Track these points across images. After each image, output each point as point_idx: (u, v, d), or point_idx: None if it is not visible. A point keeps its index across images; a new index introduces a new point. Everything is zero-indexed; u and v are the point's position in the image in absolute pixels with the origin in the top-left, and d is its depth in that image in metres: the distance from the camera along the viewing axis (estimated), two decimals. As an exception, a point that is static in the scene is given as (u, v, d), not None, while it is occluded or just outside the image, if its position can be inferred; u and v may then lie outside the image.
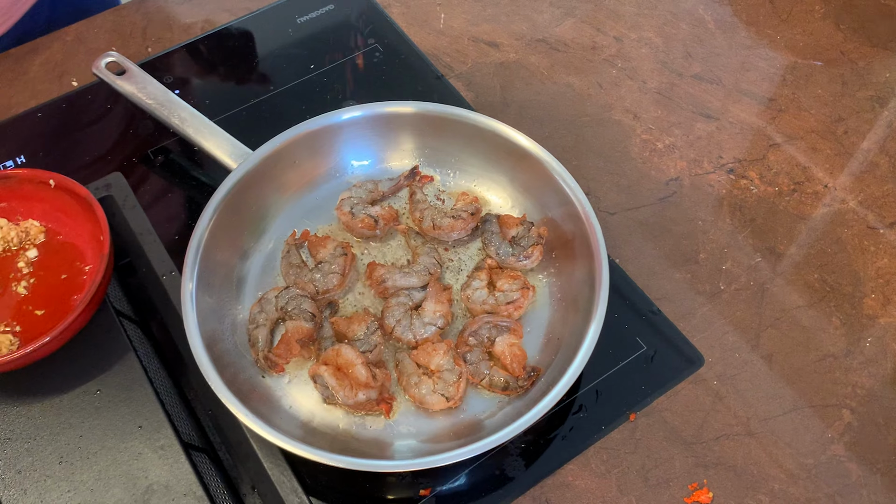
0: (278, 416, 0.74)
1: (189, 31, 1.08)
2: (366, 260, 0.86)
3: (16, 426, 0.73)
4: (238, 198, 0.82)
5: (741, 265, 0.89)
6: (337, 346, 0.76)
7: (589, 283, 0.78)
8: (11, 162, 0.94)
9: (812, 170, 0.96)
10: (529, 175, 0.87)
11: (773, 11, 1.12)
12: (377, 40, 1.07)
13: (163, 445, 0.73)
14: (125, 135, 0.98)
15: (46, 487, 0.70)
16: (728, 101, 1.02)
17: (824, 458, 0.77)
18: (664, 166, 0.96)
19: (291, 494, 0.71)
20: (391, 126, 0.89)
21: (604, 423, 0.78)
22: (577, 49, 1.07)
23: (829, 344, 0.84)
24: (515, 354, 0.78)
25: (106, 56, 0.90)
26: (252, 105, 1.00)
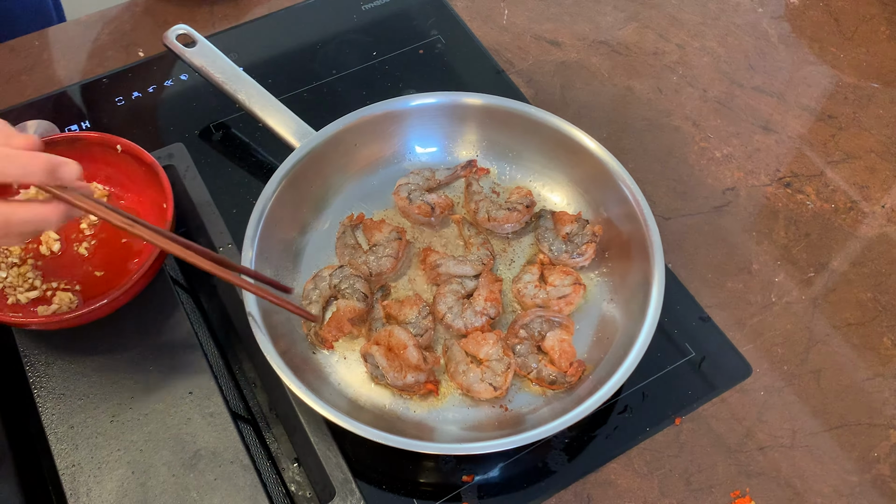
0: (327, 391, 0.75)
1: (255, 10, 1.09)
2: (419, 247, 0.87)
3: (70, 382, 0.74)
4: (300, 175, 0.83)
5: (794, 279, 0.88)
6: (389, 328, 0.77)
7: (643, 285, 0.78)
8: (76, 126, 0.95)
9: (870, 189, 0.96)
10: (588, 174, 0.87)
11: (837, 30, 1.11)
12: (440, 32, 1.07)
13: (212, 413, 0.74)
14: (187, 108, 0.99)
15: (97, 444, 0.71)
16: (788, 115, 1.02)
17: (868, 477, 0.76)
18: (721, 175, 0.96)
19: (336, 470, 0.71)
20: (458, 116, 0.89)
21: (649, 425, 0.78)
22: (639, 53, 1.07)
23: (879, 364, 0.83)
24: (565, 350, 0.78)
25: (177, 28, 0.91)
26: (314, 87, 1.01)
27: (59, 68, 1.02)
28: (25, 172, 0.58)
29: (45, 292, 0.78)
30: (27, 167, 0.58)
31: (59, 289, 0.78)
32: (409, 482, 0.74)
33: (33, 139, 0.60)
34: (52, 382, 0.74)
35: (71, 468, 0.70)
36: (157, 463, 0.71)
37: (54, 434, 0.72)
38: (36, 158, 0.58)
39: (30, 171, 0.58)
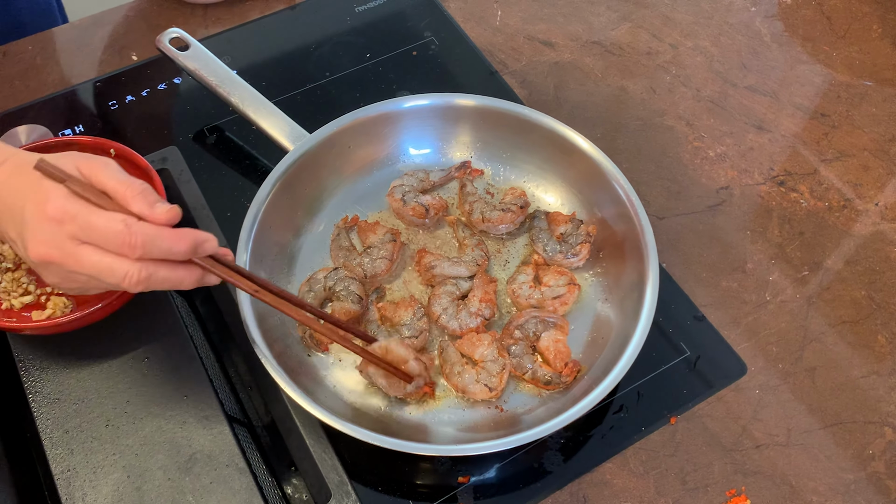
0: (322, 394, 0.75)
1: (248, 13, 1.09)
2: (413, 248, 0.87)
3: (65, 387, 0.74)
4: (294, 178, 0.83)
5: (788, 277, 0.88)
6: (384, 343, 0.75)
7: (637, 285, 0.78)
8: (70, 130, 0.95)
9: (863, 187, 0.96)
10: (581, 174, 0.87)
11: (829, 28, 1.12)
12: (433, 33, 1.07)
13: (207, 416, 0.74)
14: (180, 111, 0.99)
15: (92, 449, 0.71)
16: (781, 114, 1.02)
17: (864, 475, 0.76)
18: (715, 174, 0.96)
19: (332, 472, 0.71)
20: (451, 117, 0.90)
21: (644, 425, 0.78)
22: (632, 53, 1.07)
23: (874, 361, 0.83)
24: (560, 350, 0.78)
25: (170, 32, 0.91)
26: (307, 90, 1.01)
27: (53, 72, 1.02)
28: (171, 252, 0.60)
29: (39, 297, 0.78)
30: (173, 248, 0.60)
31: (53, 293, 0.78)
32: (405, 484, 0.74)
33: (175, 211, 0.61)
34: (46, 387, 0.74)
35: (66, 473, 0.70)
36: (153, 467, 0.71)
37: (49, 439, 0.72)
38: (181, 241, 0.60)
39: (175, 252, 0.60)
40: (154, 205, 0.60)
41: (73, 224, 0.58)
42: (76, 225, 0.58)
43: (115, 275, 0.59)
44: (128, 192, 0.59)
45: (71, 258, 0.58)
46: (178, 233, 0.60)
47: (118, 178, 0.60)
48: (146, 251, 0.58)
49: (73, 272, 0.60)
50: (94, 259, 0.58)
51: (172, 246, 0.59)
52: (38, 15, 1.19)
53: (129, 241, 0.58)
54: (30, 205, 0.58)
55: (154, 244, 0.58)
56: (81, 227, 0.58)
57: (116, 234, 0.58)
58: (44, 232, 0.58)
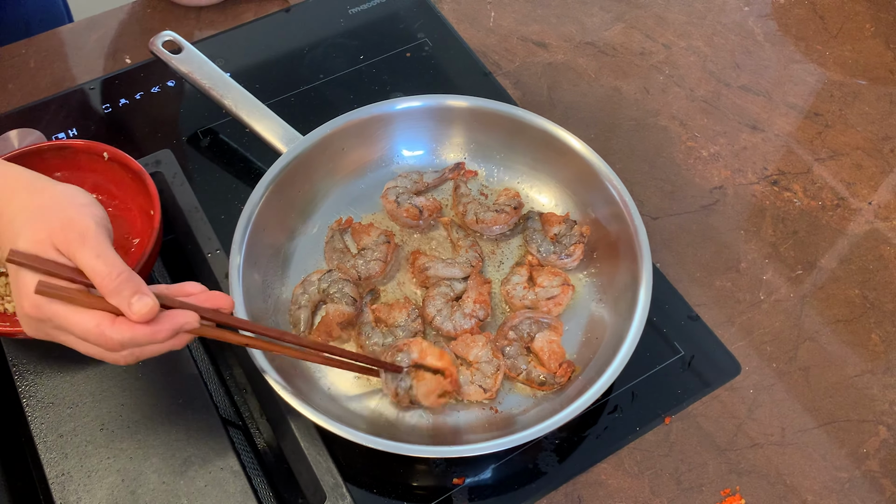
0: (317, 396, 0.75)
1: (241, 15, 1.09)
2: (407, 250, 0.87)
3: (59, 391, 0.74)
4: (287, 180, 0.83)
5: (782, 276, 0.89)
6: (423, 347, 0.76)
7: (631, 285, 0.79)
8: (63, 134, 0.95)
9: (857, 186, 0.96)
10: (575, 175, 0.87)
11: (822, 27, 1.12)
12: (427, 35, 1.07)
13: (202, 419, 0.74)
14: (174, 114, 0.99)
15: (87, 453, 0.71)
16: (774, 114, 1.02)
17: (858, 473, 0.76)
18: (708, 174, 0.96)
19: (327, 474, 0.71)
20: (444, 118, 0.90)
21: (638, 425, 0.78)
22: (626, 54, 1.07)
23: (868, 360, 0.83)
24: (554, 351, 0.78)
25: (164, 35, 0.91)
26: (301, 92, 1.01)
27: (46, 76, 1.01)
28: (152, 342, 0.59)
29: (33, 301, 0.78)
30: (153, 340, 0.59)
31: (47, 297, 0.78)
32: (399, 485, 0.74)
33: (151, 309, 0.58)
34: (41, 392, 0.74)
35: (60, 477, 0.70)
36: (147, 470, 0.71)
37: (43, 443, 0.71)
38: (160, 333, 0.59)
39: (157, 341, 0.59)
40: (131, 303, 0.57)
41: (50, 323, 0.58)
42: (53, 324, 0.58)
43: (103, 358, 0.60)
44: (105, 283, 0.57)
45: (56, 339, 0.60)
46: (156, 327, 0.58)
47: (97, 261, 0.57)
48: (125, 347, 0.59)
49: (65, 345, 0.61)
50: (79, 346, 0.59)
51: (152, 339, 0.59)
52: (46, 16, 1.20)
53: (105, 344, 0.58)
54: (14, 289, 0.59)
55: (132, 342, 0.58)
56: (58, 326, 0.58)
57: (94, 336, 0.58)
58: (29, 323, 0.59)
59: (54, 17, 1.22)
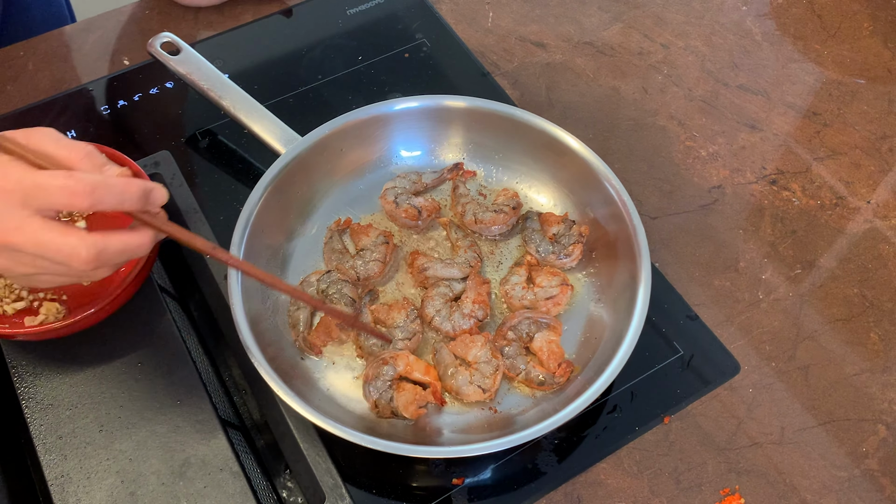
0: (316, 397, 0.75)
1: (240, 16, 1.09)
2: (406, 250, 0.87)
3: (59, 393, 0.74)
4: (286, 181, 0.83)
5: (781, 276, 0.89)
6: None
7: (630, 284, 0.79)
8: (62, 136, 0.95)
9: (855, 185, 0.96)
10: (574, 175, 0.87)
11: (820, 27, 1.12)
12: (425, 35, 1.07)
13: (201, 420, 0.73)
14: (173, 115, 0.99)
15: (86, 454, 0.71)
16: (773, 113, 1.02)
17: (858, 472, 0.76)
18: (707, 174, 0.96)
19: (326, 475, 0.71)
20: (442, 119, 0.89)
21: (637, 425, 0.78)
22: (624, 53, 1.08)
23: (867, 359, 0.83)
24: (553, 351, 0.78)
25: (161, 36, 0.91)
26: (300, 93, 1.01)
27: (44, 78, 1.01)
28: (122, 200, 0.57)
29: (31, 303, 0.78)
30: (124, 195, 0.57)
31: (45, 299, 0.78)
32: (399, 486, 0.74)
33: (125, 170, 0.59)
34: (39, 393, 0.74)
35: (60, 479, 0.70)
36: (147, 472, 0.70)
37: (43, 445, 0.71)
38: (130, 185, 0.57)
39: (126, 199, 0.57)
40: (103, 167, 0.57)
41: (18, 189, 0.54)
42: (21, 189, 0.54)
43: (61, 252, 0.55)
44: (72, 154, 0.56)
45: (18, 233, 0.54)
46: (125, 178, 0.57)
47: (60, 143, 0.57)
48: (95, 199, 0.54)
49: (20, 252, 0.55)
50: (40, 232, 0.55)
51: (123, 190, 0.56)
52: (50, 18, 1.20)
53: (74, 188, 0.53)
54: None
55: (102, 189, 0.55)
56: (26, 190, 0.54)
57: (61, 187, 0.53)
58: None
59: (58, 18, 1.22)
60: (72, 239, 0.55)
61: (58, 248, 0.55)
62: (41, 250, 0.55)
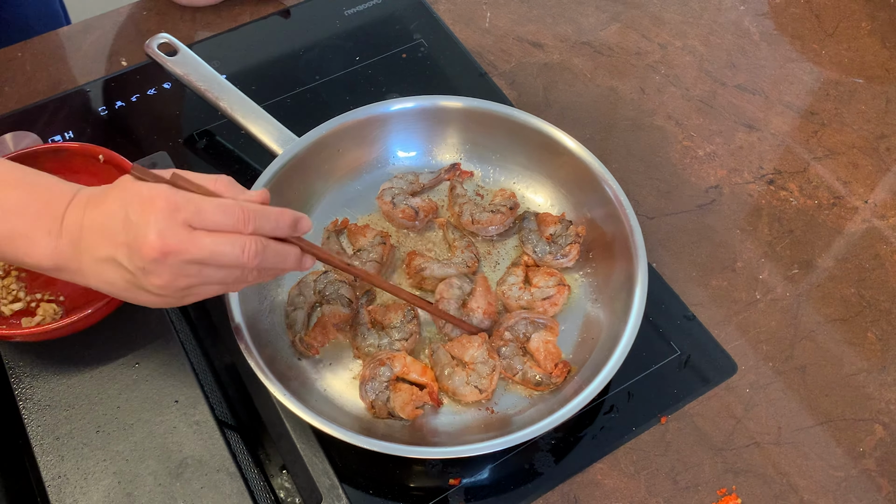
0: (313, 397, 0.75)
1: (238, 17, 1.09)
2: (403, 251, 0.87)
3: (56, 394, 0.74)
4: (283, 182, 0.83)
5: (778, 276, 0.89)
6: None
7: (627, 284, 0.79)
8: (59, 137, 0.95)
9: (853, 185, 0.96)
10: (570, 175, 0.87)
11: (818, 26, 1.12)
12: (422, 36, 1.08)
13: (198, 421, 0.73)
14: (170, 116, 0.99)
15: (83, 455, 0.71)
16: (770, 113, 1.02)
17: (855, 472, 0.76)
18: (704, 174, 0.96)
19: (323, 476, 0.71)
20: (439, 119, 0.90)
21: (634, 425, 0.78)
22: (622, 53, 1.08)
23: (864, 359, 0.83)
24: (550, 351, 0.78)
25: (159, 37, 0.91)
26: (297, 93, 1.01)
27: (42, 79, 1.02)
28: (276, 227, 0.62)
29: (29, 304, 0.78)
30: (278, 222, 0.62)
31: (43, 300, 0.78)
32: (396, 486, 0.74)
33: (263, 193, 0.65)
34: (37, 394, 0.74)
35: (57, 479, 0.70)
36: (144, 472, 0.70)
37: (40, 445, 0.71)
38: (284, 215, 0.63)
39: (279, 227, 0.63)
40: (245, 191, 0.63)
41: (185, 211, 0.58)
42: (188, 211, 0.58)
43: (233, 251, 0.59)
44: (217, 184, 0.62)
45: (189, 244, 0.58)
46: (279, 209, 0.63)
47: (201, 176, 0.62)
48: (257, 225, 0.60)
49: (187, 263, 0.59)
50: (211, 241, 0.58)
51: (278, 220, 0.62)
52: (45, 18, 1.20)
53: (242, 216, 0.59)
54: (133, 208, 0.58)
55: (263, 217, 0.61)
56: (193, 213, 0.58)
57: (228, 209, 0.59)
58: (159, 223, 0.57)
59: (53, 18, 1.23)
60: (240, 240, 0.60)
61: (230, 249, 0.59)
62: (215, 256, 0.59)
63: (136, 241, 0.57)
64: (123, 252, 0.59)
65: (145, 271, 0.59)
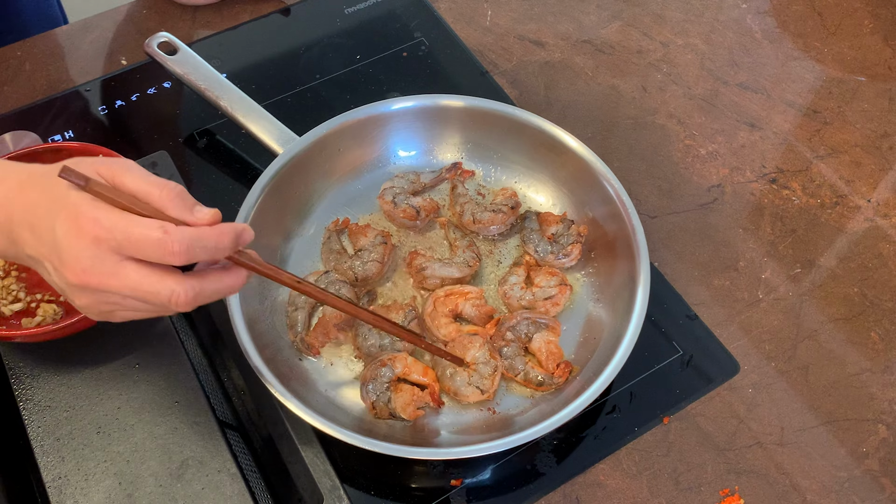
0: (314, 398, 0.75)
1: (238, 16, 1.09)
2: (404, 250, 0.87)
3: (56, 394, 0.74)
4: (283, 181, 0.83)
5: (780, 275, 0.88)
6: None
7: (629, 284, 0.78)
8: (59, 136, 0.95)
9: (855, 184, 0.96)
10: (572, 174, 0.87)
11: (821, 24, 1.11)
12: (423, 34, 1.07)
13: (199, 422, 0.73)
14: (170, 115, 0.99)
15: (84, 456, 0.71)
16: (772, 111, 1.02)
17: (858, 473, 0.76)
18: (706, 172, 0.96)
19: (324, 477, 0.71)
20: (440, 118, 0.89)
21: (637, 425, 0.78)
22: (623, 52, 1.07)
23: (867, 358, 0.83)
24: (552, 352, 0.78)
25: (158, 36, 0.91)
26: (297, 92, 1.01)
27: (41, 78, 1.01)
28: (216, 251, 0.56)
29: (29, 304, 0.78)
30: (217, 247, 0.56)
31: (43, 300, 0.78)
32: (397, 487, 0.74)
33: (217, 214, 0.57)
34: (37, 395, 0.74)
35: (57, 481, 0.70)
36: (144, 473, 0.70)
37: (40, 446, 0.71)
38: (223, 237, 0.56)
39: (220, 250, 0.57)
40: (193, 209, 0.56)
41: (110, 238, 0.53)
42: (115, 239, 0.53)
43: (160, 295, 0.55)
44: (163, 194, 0.55)
45: (111, 278, 0.54)
46: (218, 229, 0.56)
47: (147, 180, 0.55)
48: (190, 256, 0.54)
49: (110, 293, 0.55)
50: (137, 278, 0.54)
51: (217, 243, 0.56)
52: (42, 18, 1.19)
53: (170, 248, 0.53)
54: (60, 222, 0.53)
55: (197, 246, 0.54)
56: (119, 241, 0.53)
57: (156, 242, 0.53)
58: (83, 252, 0.53)
59: (50, 18, 1.22)
60: (170, 283, 0.55)
61: (157, 292, 0.55)
62: (139, 294, 0.55)
63: (61, 261, 0.54)
64: (48, 264, 0.55)
65: (69, 289, 0.56)
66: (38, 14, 1.19)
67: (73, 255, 0.53)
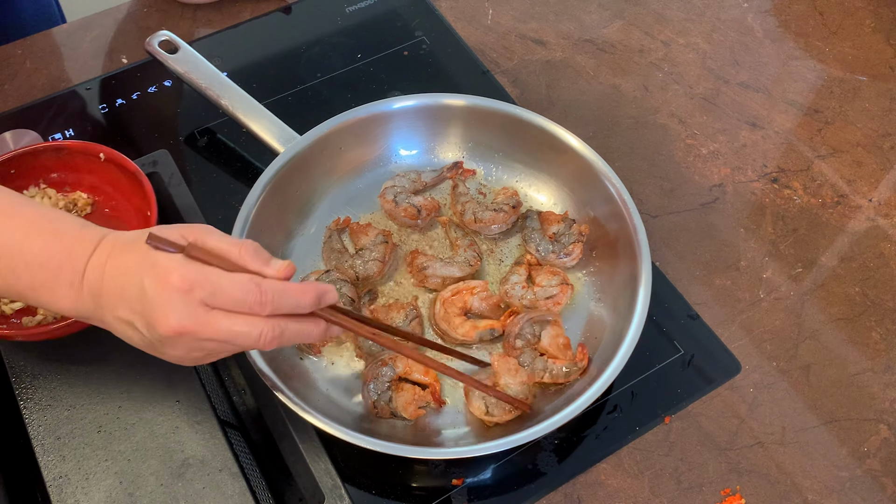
0: (315, 397, 0.75)
1: (238, 14, 1.08)
2: (405, 249, 0.86)
3: (57, 394, 0.74)
4: (284, 180, 0.83)
5: (782, 275, 0.88)
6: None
7: (630, 283, 0.78)
8: (60, 135, 0.95)
9: (857, 183, 0.96)
10: (574, 173, 0.87)
11: (822, 24, 1.11)
12: (424, 33, 1.07)
13: (200, 421, 0.73)
14: (171, 114, 0.99)
15: (85, 455, 0.71)
16: (774, 111, 1.02)
17: (860, 472, 0.76)
18: (707, 172, 0.96)
19: (325, 476, 0.71)
20: (441, 117, 0.89)
21: (638, 425, 0.78)
22: (625, 51, 1.07)
23: (868, 358, 0.83)
24: (561, 344, 0.78)
25: (159, 34, 0.91)
26: (298, 91, 1.01)
27: (42, 77, 1.01)
28: (298, 306, 0.59)
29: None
30: (299, 302, 0.59)
31: (43, 299, 0.78)
32: (398, 486, 0.74)
33: (291, 266, 0.60)
34: (38, 394, 0.74)
35: (58, 480, 0.70)
36: (145, 472, 0.70)
37: (41, 446, 0.71)
38: (306, 294, 0.60)
39: (301, 305, 0.60)
40: (269, 262, 0.59)
41: (201, 290, 0.56)
42: (204, 291, 0.56)
43: (250, 336, 0.58)
44: (242, 251, 0.59)
45: (205, 326, 0.57)
46: (302, 286, 0.60)
47: (227, 240, 0.59)
48: (276, 307, 0.58)
49: (203, 340, 0.58)
50: (228, 323, 0.57)
51: (299, 299, 0.59)
52: (40, 17, 1.19)
53: (259, 298, 0.57)
54: (149, 280, 0.56)
55: (282, 299, 0.58)
56: (210, 292, 0.56)
57: (246, 293, 0.57)
58: (174, 304, 0.56)
59: (48, 17, 1.22)
60: (258, 324, 0.58)
61: (248, 333, 0.58)
62: (231, 338, 0.58)
63: (152, 316, 0.56)
64: (140, 321, 0.58)
65: (161, 342, 0.58)
66: (37, 13, 1.19)
67: (165, 307, 0.56)
